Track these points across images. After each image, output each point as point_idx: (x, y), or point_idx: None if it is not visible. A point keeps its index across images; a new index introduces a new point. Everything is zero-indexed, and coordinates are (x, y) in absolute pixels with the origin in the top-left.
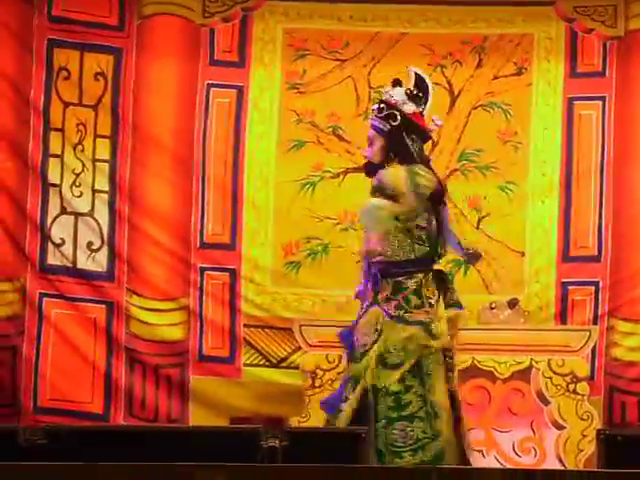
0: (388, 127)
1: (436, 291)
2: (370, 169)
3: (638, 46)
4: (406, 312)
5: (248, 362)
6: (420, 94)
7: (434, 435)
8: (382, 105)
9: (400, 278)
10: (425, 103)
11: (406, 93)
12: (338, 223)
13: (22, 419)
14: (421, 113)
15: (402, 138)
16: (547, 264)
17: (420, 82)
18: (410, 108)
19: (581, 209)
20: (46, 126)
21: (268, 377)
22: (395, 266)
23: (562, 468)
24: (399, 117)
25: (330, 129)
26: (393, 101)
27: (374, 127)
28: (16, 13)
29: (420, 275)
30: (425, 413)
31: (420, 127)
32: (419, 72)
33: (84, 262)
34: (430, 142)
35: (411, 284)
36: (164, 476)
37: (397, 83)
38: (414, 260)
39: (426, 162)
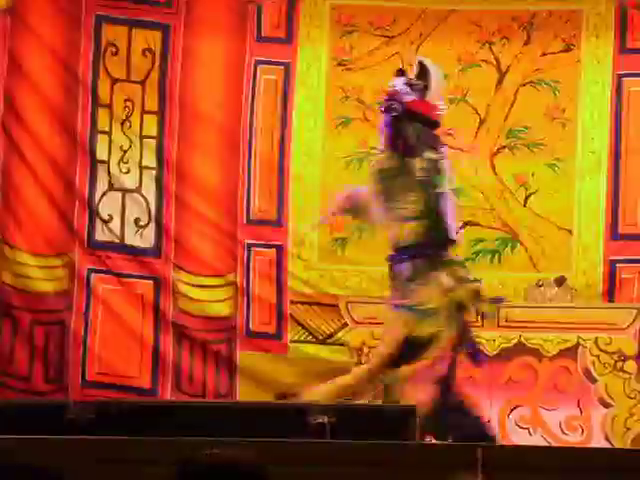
0: (388, 119)
1: None
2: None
3: None
4: None
5: (294, 338)
6: (419, 82)
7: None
8: (385, 97)
9: None
10: (427, 89)
11: (406, 83)
12: None
13: (70, 393)
14: (423, 100)
15: (402, 129)
16: (595, 241)
17: (423, 70)
18: (410, 97)
19: (629, 186)
20: (94, 102)
21: (314, 353)
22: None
23: (609, 447)
24: (400, 108)
25: (377, 106)
26: (393, 92)
27: (383, 119)
28: None
29: None
30: None
31: (422, 114)
32: (423, 61)
33: (132, 238)
34: (477, 119)
35: None
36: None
37: (400, 73)
38: None
39: (431, 145)
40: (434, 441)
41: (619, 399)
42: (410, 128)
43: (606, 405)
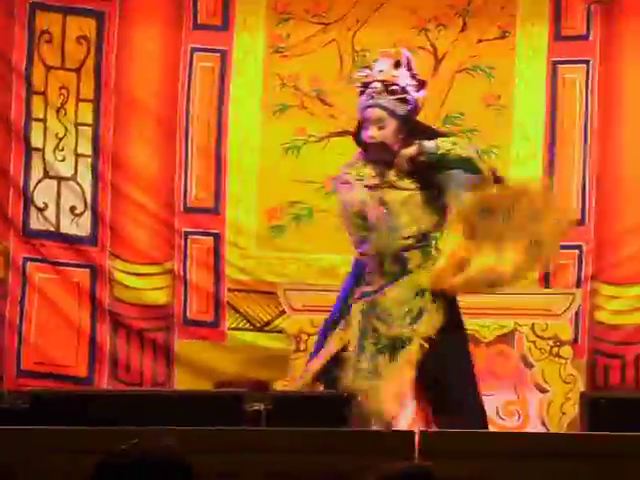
0: (405, 111)
1: None
2: (381, 150)
3: (622, 9)
4: None
5: (232, 326)
6: (422, 80)
7: None
8: (394, 87)
9: None
10: (425, 86)
11: (414, 77)
12: (322, 187)
13: (5, 383)
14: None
15: (417, 121)
16: None
17: (412, 65)
18: (417, 94)
19: (564, 173)
20: (28, 90)
21: (252, 341)
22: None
23: (545, 431)
24: (413, 101)
25: (314, 93)
26: (403, 84)
27: (384, 107)
28: None
29: None
30: None
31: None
32: (409, 55)
33: (67, 226)
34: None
35: None
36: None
37: (398, 64)
38: None
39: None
40: None
41: (555, 384)
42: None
43: (542, 390)
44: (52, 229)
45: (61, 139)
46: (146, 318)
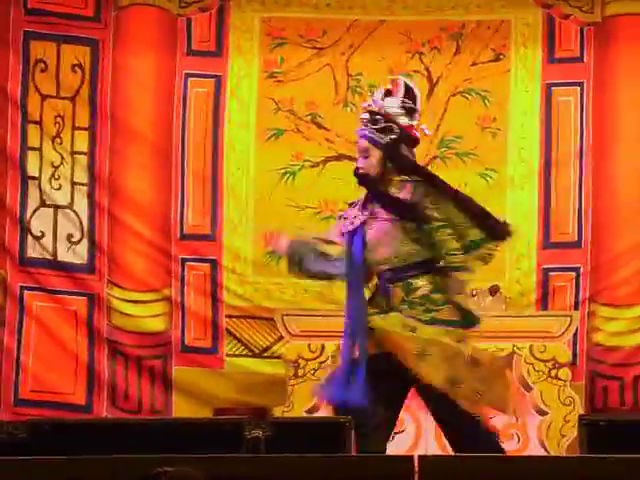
0: (387, 140)
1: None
2: (366, 181)
3: (615, 31)
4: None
5: (231, 352)
6: (413, 106)
7: None
8: (377, 117)
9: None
10: (416, 112)
11: (403, 106)
12: (319, 212)
13: (3, 412)
14: (413, 125)
15: (400, 150)
16: (527, 250)
17: (410, 92)
18: (406, 120)
19: (561, 195)
20: (24, 119)
21: (250, 367)
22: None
23: (545, 454)
24: (397, 130)
25: (309, 117)
26: (389, 113)
27: (368, 138)
28: None
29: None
30: None
31: (413, 137)
32: (408, 82)
33: (64, 254)
34: None
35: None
36: (147, 469)
37: (389, 93)
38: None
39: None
40: None
41: (554, 406)
42: (406, 151)
43: (541, 412)
44: (49, 257)
45: (57, 167)
46: (144, 345)
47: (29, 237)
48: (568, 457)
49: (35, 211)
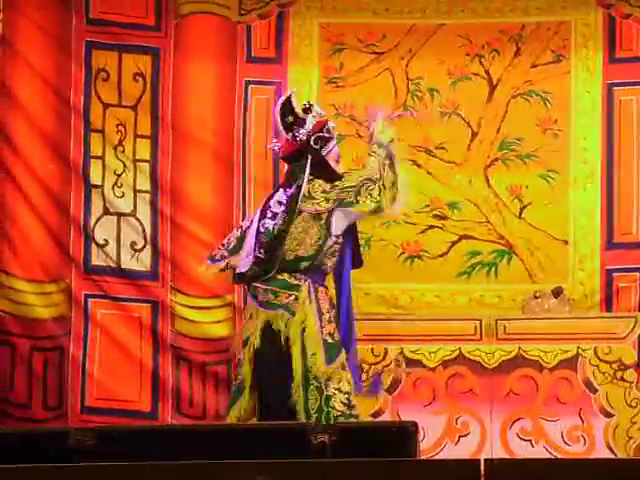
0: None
1: None
2: None
3: None
4: None
5: None
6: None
7: None
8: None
9: None
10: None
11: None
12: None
13: (70, 419)
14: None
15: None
16: (591, 251)
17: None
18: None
19: (624, 195)
20: (87, 127)
21: None
22: None
23: (612, 457)
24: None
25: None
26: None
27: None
28: (54, 17)
29: None
30: None
31: None
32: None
33: (128, 262)
34: (469, 132)
35: None
36: (212, 474)
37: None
38: None
39: None
40: None
41: (620, 408)
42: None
43: (607, 415)
44: (113, 265)
45: (119, 175)
46: (208, 351)
47: (93, 245)
48: (636, 459)
49: (99, 219)
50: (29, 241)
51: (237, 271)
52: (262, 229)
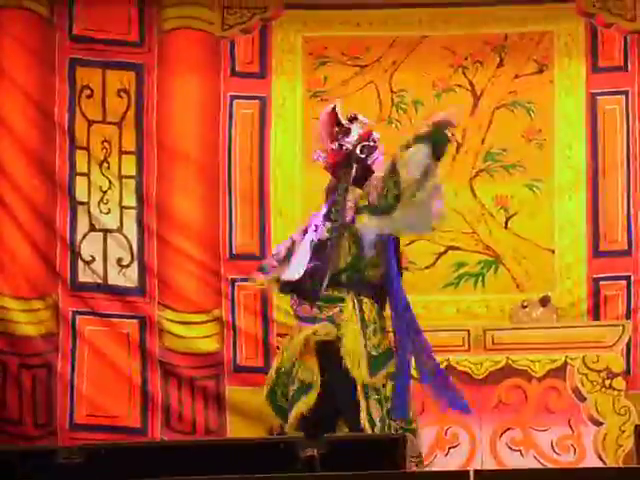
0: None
1: None
2: None
3: None
4: None
5: None
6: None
7: None
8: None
9: None
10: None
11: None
12: None
13: (59, 436)
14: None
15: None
16: (577, 260)
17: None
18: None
19: (609, 203)
20: (71, 144)
21: None
22: None
23: (602, 465)
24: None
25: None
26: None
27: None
28: (38, 34)
29: None
30: None
31: None
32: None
33: (115, 278)
34: (455, 142)
35: None
36: None
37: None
38: None
39: None
40: None
41: (609, 416)
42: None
43: (597, 423)
44: (100, 281)
45: (105, 192)
46: (196, 366)
47: (80, 262)
48: (626, 468)
49: (85, 236)
50: (15, 258)
51: (283, 278)
52: (312, 239)
